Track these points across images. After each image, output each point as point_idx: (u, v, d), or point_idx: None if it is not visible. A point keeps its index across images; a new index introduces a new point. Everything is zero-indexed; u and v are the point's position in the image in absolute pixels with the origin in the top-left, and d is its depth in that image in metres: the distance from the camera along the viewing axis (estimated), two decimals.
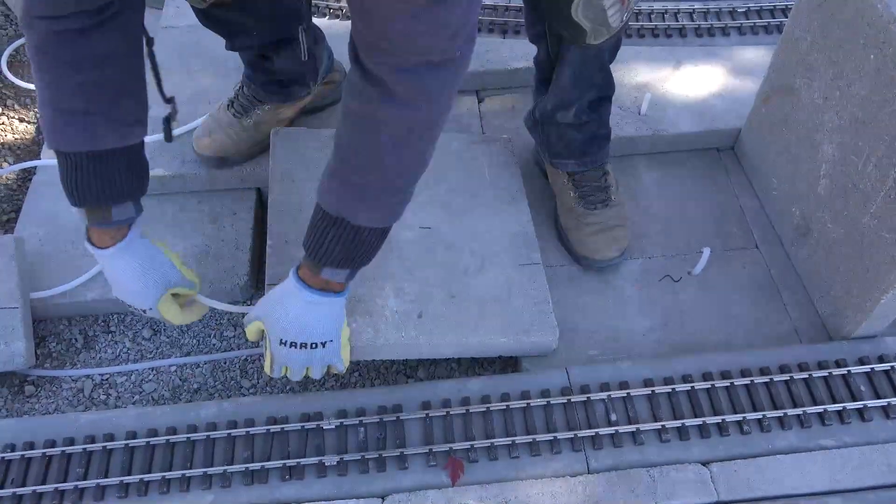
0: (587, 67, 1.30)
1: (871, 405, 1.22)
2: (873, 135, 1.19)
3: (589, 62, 1.29)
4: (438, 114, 0.97)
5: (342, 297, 1.11)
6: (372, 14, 0.86)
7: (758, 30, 1.87)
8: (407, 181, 1.03)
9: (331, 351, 1.13)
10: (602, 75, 1.35)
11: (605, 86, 1.37)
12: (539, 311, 1.30)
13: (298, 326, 1.09)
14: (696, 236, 1.52)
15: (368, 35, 0.89)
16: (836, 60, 1.26)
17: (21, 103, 1.86)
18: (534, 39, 1.35)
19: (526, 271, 1.34)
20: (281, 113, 1.52)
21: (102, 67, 0.99)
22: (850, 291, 1.29)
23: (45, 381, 1.40)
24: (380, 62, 0.89)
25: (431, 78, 0.91)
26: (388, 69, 0.89)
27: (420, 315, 1.27)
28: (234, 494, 1.16)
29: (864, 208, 1.23)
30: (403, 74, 0.89)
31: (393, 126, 0.94)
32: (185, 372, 1.41)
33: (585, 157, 1.43)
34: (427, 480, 1.16)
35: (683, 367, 1.28)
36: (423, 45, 0.87)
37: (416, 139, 0.98)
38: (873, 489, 1.15)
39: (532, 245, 1.38)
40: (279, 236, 1.33)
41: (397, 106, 0.92)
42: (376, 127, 0.94)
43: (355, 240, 1.02)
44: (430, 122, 0.97)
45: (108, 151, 1.02)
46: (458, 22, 0.87)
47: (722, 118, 1.66)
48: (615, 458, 1.18)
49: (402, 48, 0.87)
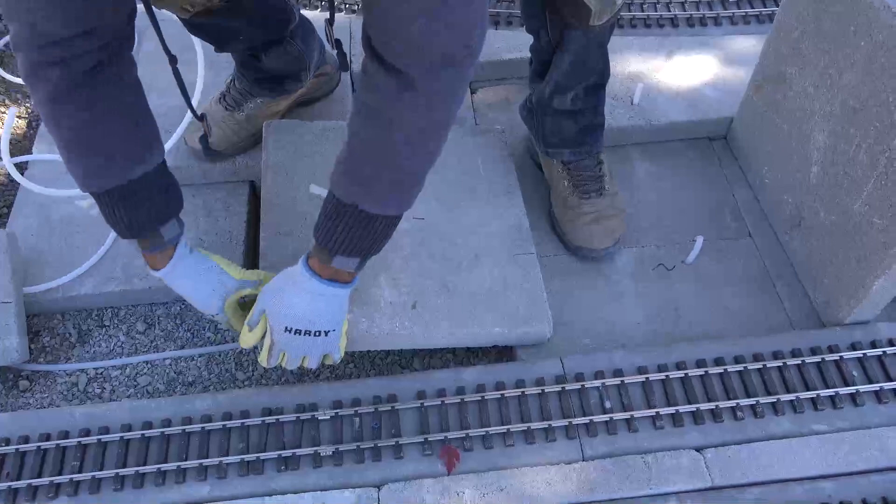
0: (588, 51, 1.30)
1: (863, 390, 1.23)
2: (864, 122, 1.19)
3: (591, 46, 1.29)
4: (454, 112, 0.97)
5: (349, 287, 1.11)
6: (388, 14, 0.85)
7: (749, 19, 1.88)
8: (419, 174, 1.03)
9: (331, 340, 1.13)
10: (602, 59, 1.35)
11: (603, 71, 1.37)
12: (533, 301, 1.30)
13: (306, 314, 1.09)
14: (689, 226, 1.52)
15: (385, 34, 0.88)
16: (828, 49, 1.26)
17: (12, 98, 1.86)
18: (532, 27, 1.34)
19: (520, 262, 1.34)
20: (273, 106, 1.52)
21: (120, 98, 1.00)
22: (843, 278, 1.30)
23: (40, 375, 1.40)
24: (401, 62, 0.88)
25: (452, 77, 0.90)
26: (408, 68, 0.88)
27: (414, 306, 1.27)
28: (229, 486, 1.16)
29: (855, 195, 1.24)
30: (425, 75, 0.89)
31: (408, 126, 0.94)
32: (180, 365, 1.41)
33: (580, 147, 1.44)
34: (422, 469, 1.17)
35: (677, 355, 1.28)
36: (443, 43, 0.86)
37: (429, 138, 0.98)
38: (866, 473, 1.16)
39: (526, 237, 1.38)
40: (272, 227, 1.33)
41: (415, 106, 0.92)
42: (391, 124, 0.94)
43: (368, 227, 1.02)
44: (446, 121, 0.97)
45: (141, 178, 1.04)
46: (475, 16, 0.86)
47: (714, 108, 1.66)
48: (610, 445, 1.19)
49: (424, 48, 0.86)
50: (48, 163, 1.61)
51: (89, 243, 1.48)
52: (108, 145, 1.00)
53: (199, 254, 1.16)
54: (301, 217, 1.34)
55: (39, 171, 1.61)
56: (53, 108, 0.97)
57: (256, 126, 1.51)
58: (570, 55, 1.29)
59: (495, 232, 1.38)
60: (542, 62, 1.37)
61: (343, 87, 1.67)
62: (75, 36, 0.90)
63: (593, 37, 1.27)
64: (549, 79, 1.36)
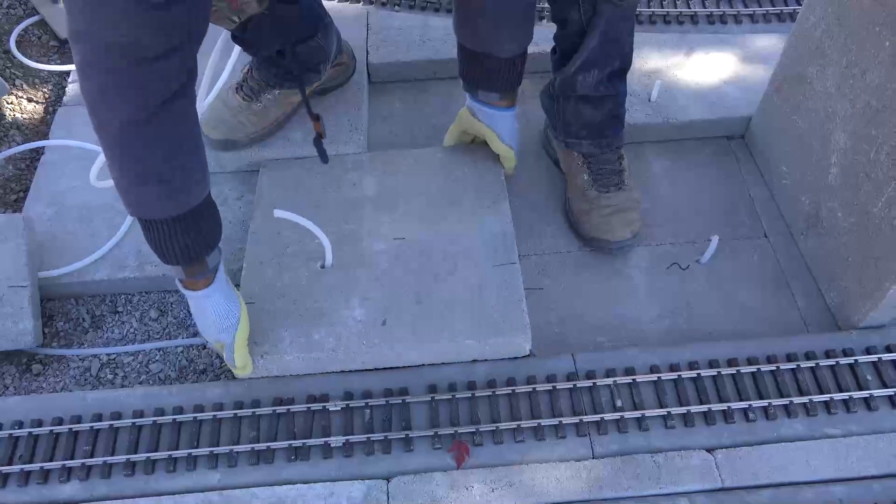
0: (619, 28, 1.30)
1: (877, 394, 1.22)
2: (887, 123, 1.18)
3: (622, 22, 1.30)
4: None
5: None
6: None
7: (770, 17, 1.85)
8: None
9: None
10: (629, 38, 1.35)
11: (628, 54, 1.37)
12: (511, 310, 1.26)
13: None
14: (705, 224, 1.51)
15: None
16: (851, 48, 1.24)
17: (30, 83, 1.86)
18: (559, 14, 1.33)
19: (500, 272, 1.31)
20: (291, 97, 1.51)
21: (189, 130, 1.02)
22: (859, 281, 1.29)
23: (53, 359, 1.41)
24: None
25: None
26: None
27: (384, 322, 1.25)
28: (239, 474, 1.16)
29: (875, 197, 1.22)
30: None
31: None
32: (192, 353, 1.42)
33: (602, 139, 1.43)
34: (432, 463, 1.17)
35: (689, 355, 1.28)
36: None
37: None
38: (878, 478, 1.15)
39: (510, 246, 1.35)
40: (255, 257, 1.36)
41: None
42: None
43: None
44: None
45: (199, 205, 1.05)
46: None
47: (733, 106, 1.65)
48: (620, 443, 1.18)
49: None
50: (65, 148, 1.62)
51: (104, 229, 1.49)
52: (176, 176, 1.01)
53: (228, 279, 1.19)
54: (283, 247, 1.36)
55: (56, 156, 1.62)
56: (123, 138, 0.95)
57: (272, 116, 1.51)
58: (602, 29, 1.28)
59: (477, 241, 1.36)
60: (567, 49, 1.36)
61: (358, 74, 1.67)
62: (161, 55, 0.89)
63: (626, 14, 1.28)
64: (576, 58, 1.34)
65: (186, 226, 1.04)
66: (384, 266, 1.33)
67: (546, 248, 1.48)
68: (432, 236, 1.37)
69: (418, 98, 1.76)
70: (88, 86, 0.92)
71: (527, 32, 1.27)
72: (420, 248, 1.35)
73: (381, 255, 1.34)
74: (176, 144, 1.00)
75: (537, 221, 1.52)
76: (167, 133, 0.98)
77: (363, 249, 1.35)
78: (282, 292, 1.30)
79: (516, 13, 1.23)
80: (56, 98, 1.83)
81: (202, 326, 1.17)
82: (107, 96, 0.92)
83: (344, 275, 1.32)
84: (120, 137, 0.95)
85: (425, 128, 1.69)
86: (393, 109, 1.74)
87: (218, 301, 1.15)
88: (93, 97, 0.92)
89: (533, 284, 1.41)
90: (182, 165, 1.02)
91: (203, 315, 1.16)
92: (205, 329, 1.17)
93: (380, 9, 1.87)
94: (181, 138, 1.01)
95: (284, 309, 1.28)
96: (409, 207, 1.42)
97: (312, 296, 1.29)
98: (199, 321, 1.17)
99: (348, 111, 1.60)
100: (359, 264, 1.33)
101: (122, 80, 0.90)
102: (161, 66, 0.91)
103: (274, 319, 1.26)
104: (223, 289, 1.16)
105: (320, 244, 1.30)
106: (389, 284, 1.30)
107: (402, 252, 1.35)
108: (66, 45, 1.94)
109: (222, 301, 1.15)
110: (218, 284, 1.14)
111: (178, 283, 1.14)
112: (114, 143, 0.96)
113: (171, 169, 1.00)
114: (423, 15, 1.84)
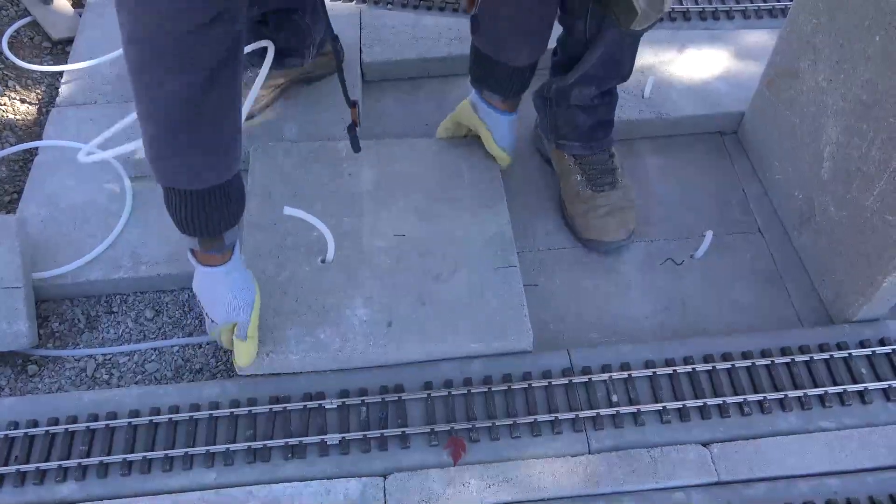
0: (621, 51, 1.31)
1: (871, 388, 1.23)
2: (878, 117, 1.18)
3: (624, 46, 1.30)
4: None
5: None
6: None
7: (762, 13, 1.86)
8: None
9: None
10: (631, 60, 1.35)
11: (628, 72, 1.38)
12: (513, 314, 1.27)
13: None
14: (699, 220, 1.52)
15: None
16: (842, 43, 1.25)
17: (23, 84, 1.86)
18: (568, 20, 1.33)
19: (500, 274, 1.32)
20: (273, 79, 1.51)
21: (238, 96, 1.01)
22: (853, 275, 1.29)
23: (48, 360, 1.40)
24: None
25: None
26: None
27: (390, 324, 1.26)
28: (236, 473, 1.16)
29: (867, 191, 1.23)
30: None
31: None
32: (188, 352, 1.42)
33: (591, 142, 1.43)
34: (429, 460, 1.17)
35: (684, 350, 1.28)
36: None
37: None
38: (872, 471, 1.16)
39: (509, 247, 1.36)
40: (253, 248, 1.35)
41: None
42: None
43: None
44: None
45: (235, 176, 1.06)
46: None
47: (725, 102, 1.65)
48: (616, 438, 1.19)
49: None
50: (58, 149, 1.61)
51: (98, 230, 1.49)
52: (221, 146, 1.01)
53: (243, 259, 1.18)
54: (282, 237, 1.36)
55: (50, 157, 1.61)
56: (180, 105, 0.94)
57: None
58: (605, 49, 1.29)
59: (477, 242, 1.36)
60: (569, 56, 1.37)
61: (351, 73, 1.67)
62: (215, 17, 0.89)
63: (629, 39, 1.29)
64: (575, 70, 1.35)
65: (219, 198, 1.04)
66: (385, 264, 1.33)
67: (540, 245, 1.48)
68: (432, 234, 1.37)
69: (412, 96, 1.76)
70: (141, 57, 0.92)
71: (542, 45, 1.29)
72: (421, 246, 1.35)
73: (382, 253, 1.34)
74: (226, 114, 1.00)
75: (531, 218, 1.52)
76: (220, 100, 0.98)
77: (363, 246, 1.35)
78: (284, 288, 1.30)
79: (536, 27, 1.25)
80: (49, 99, 1.82)
81: (213, 305, 1.16)
82: (164, 61, 0.92)
83: (346, 272, 1.31)
84: (176, 104, 0.95)
85: (418, 125, 1.69)
86: (386, 107, 1.74)
87: (236, 279, 1.14)
88: (149, 67, 0.92)
89: (528, 281, 1.41)
90: (232, 136, 1.02)
91: (215, 293, 1.15)
92: (215, 308, 1.16)
93: (373, 7, 1.87)
94: (231, 108, 1.00)
95: (287, 306, 1.28)
96: (408, 202, 1.41)
97: (315, 293, 1.29)
98: (210, 299, 1.16)
99: (341, 110, 1.60)
100: (360, 261, 1.33)
101: (179, 47, 0.90)
102: (215, 31, 0.91)
103: (277, 316, 1.26)
104: (240, 267, 1.16)
105: (319, 235, 1.30)
106: (392, 284, 1.30)
107: (402, 250, 1.35)
108: (58, 46, 1.93)
109: (239, 279, 1.15)
110: (235, 262, 1.14)
111: (191, 256, 1.13)
112: (168, 112, 0.96)
113: (221, 138, 1.00)
114: (416, 13, 1.84)
